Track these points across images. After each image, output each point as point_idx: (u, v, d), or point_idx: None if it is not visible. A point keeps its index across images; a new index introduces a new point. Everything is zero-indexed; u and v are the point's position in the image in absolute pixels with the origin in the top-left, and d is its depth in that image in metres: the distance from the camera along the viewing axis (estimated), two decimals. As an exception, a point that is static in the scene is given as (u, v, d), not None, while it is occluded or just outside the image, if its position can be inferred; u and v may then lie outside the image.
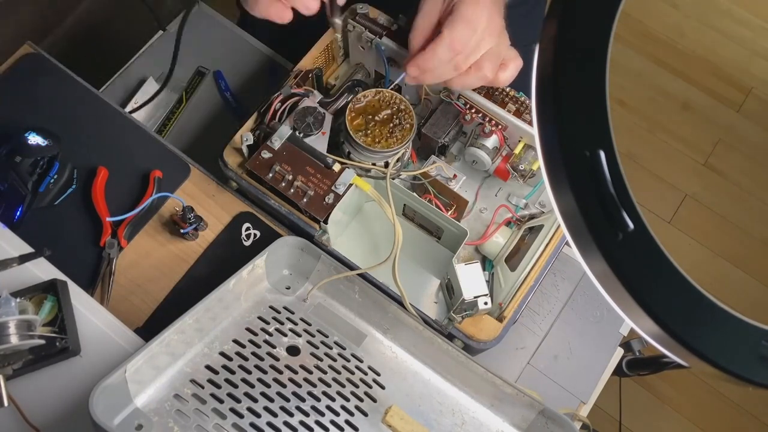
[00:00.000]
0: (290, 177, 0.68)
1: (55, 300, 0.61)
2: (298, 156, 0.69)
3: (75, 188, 0.75)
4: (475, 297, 0.65)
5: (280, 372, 0.61)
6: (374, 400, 0.62)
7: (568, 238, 0.31)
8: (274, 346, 0.63)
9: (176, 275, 0.72)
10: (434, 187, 0.73)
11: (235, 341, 0.62)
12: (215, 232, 0.74)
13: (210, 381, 0.58)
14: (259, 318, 0.65)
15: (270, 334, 0.64)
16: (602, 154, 0.28)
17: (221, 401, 0.57)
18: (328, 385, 0.61)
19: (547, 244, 0.69)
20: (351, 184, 0.69)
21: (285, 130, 0.70)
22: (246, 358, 0.61)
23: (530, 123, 0.69)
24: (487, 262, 0.75)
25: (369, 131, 0.69)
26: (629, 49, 1.88)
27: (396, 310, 0.65)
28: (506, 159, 0.73)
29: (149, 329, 0.69)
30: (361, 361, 0.65)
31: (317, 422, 0.58)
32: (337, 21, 0.73)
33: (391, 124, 0.70)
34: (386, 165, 0.71)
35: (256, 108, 0.74)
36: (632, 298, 0.28)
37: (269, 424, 0.56)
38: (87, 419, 0.50)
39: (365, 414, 0.61)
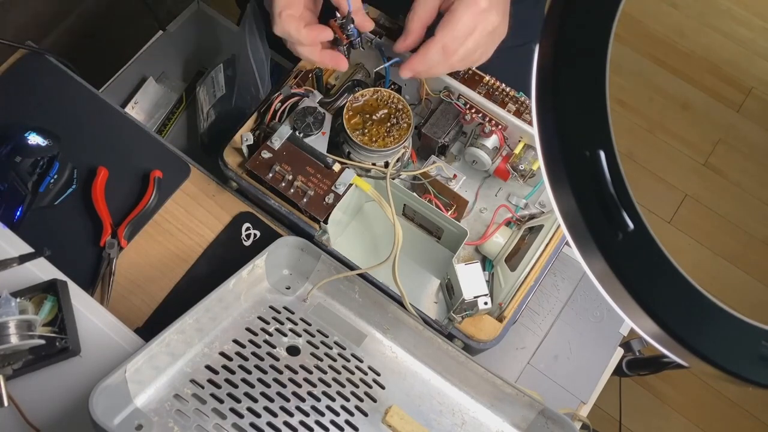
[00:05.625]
0: (290, 177, 0.68)
1: (55, 300, 0.61)
2: (298, 156, 0.69)
3: (75, 188, 0.75)
4: (475, 297, 0.65)
5: (280, 372, 0.61)
6: (374, 400, 0.62)
7: (568, 238, 0.31)
8: (274, 346, 0.63)
9: (176, 275, 0.72)
10: (434, 187, 0.73)
11: (235, 341, 0.62)
12: (215, 232, 0.74)
13: (210, 381, 0.58)
14: (259, 318, 0.65)
15: (270, 334, 0.63)
16: (602, 154, 0.28)
17: (221, 401, 0.57)
18: (328, 385, 0.61)
19: (547, 244, 0.69)
20: (351, 184, 0.69)
21: (285, 130, 0.70)
22: (246, 358, 0.61)
23: (530, 123, 0.69)
24: (487, 262, 0.75)
25: (366, 130, 0.69)
26: (629, 49, 1.87)
27: (396, 310, 0.65)
28: (506, 159, 0.73)
29: (149, 329, 0.69)
30: (361, 361, 0.65)
31: (317, 422, 0.58)
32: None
33: (389, 124, 0.70)
34: (386, 165, 0.71)
35: (256, 108, 0.74)
36: (632, 298, 0.28)
37: (269, 424, 0.56)
38: (87, 419, 0.50)
39: (365, 414, 0.61)
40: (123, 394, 0.54)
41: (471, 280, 0.66)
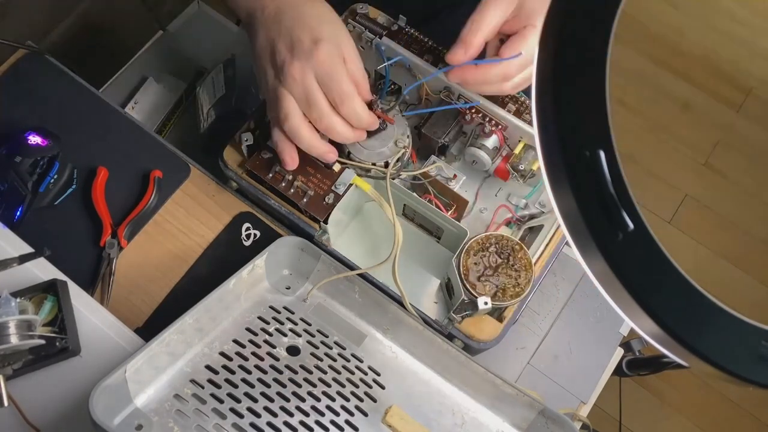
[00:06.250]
0: (290, 177, 0.68)
1: (55, 300, 0.61)
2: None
3: (75, 188, 0.75)
4: (475, 297, 0.65)
5: (280, 372, 0.61)
6: (374, 400, 0.62)
7: (568, 238, 0.31)
8: (274, 346, 0.63)
9: (176, 275, 0.72)
10: (434, 187, 0.73)
11: (235, 341, 0.62)
12: (215, 232, 0.74)
13: (210, 381, 0.58)
14: (259, 318, 0.65)
15: (270, 334, 0.64)
16: (602, 154, 0.28)
17: (221, 401, 0.57)
18: (328, 385, 0.61)
19: (547, 245, 0.69)
20: (351, 184, 0.69)
21: (285, 130, 0.70)
22: (246, 358, 0.61)
23: (530, 123, 0.69)
24: (487, 262, 0.75)
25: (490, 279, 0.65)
26: (629, 49, 1.87)
27: (396, 310, 0.65)
28: (506, 159, 0.73)
29: (149, 329, 0.69)
30: (361, 361, 0.65)
31: (317, 422, 0.58)
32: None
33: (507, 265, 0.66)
34: (386, 165, 0.71)
35: (256, 108, 0.74)
36: (632, 298, 0.28)
37: (269, 424, 0.56)
38: (87, 419, 0.50)
39: (365, 414, 0.61)
40: (123, 394, 0.54)
41: (471, 280, 0.66)
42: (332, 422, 0.59)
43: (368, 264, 0.67)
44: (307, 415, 0.58)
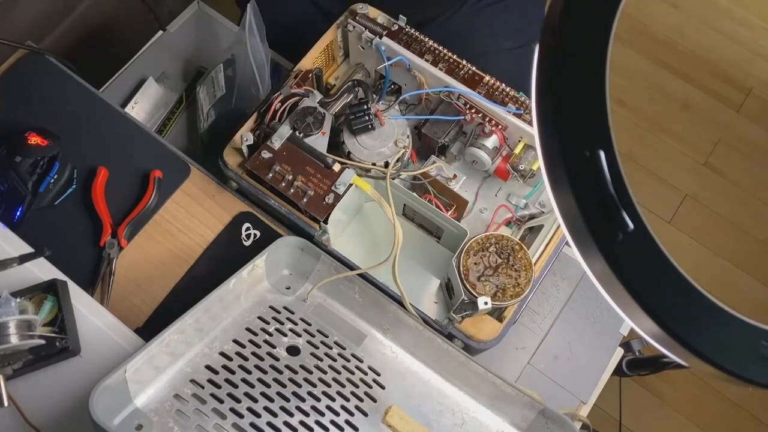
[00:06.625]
0: (290, 177, 0.68)
1: (55, 300, 0.61)
2: (298, 156, 0.69)
3: (75, 188, 0.75)
4: (475, 297, 0.65)
5: (280, 372, 0.61)
6: (374, 400, 0.62)
7: (568, 238, 0.31)
8: (274, 346, 0.63)
9: (176, 275, 0.72)
10: (434, 187, 0.73)
11: (235, 341, 0.62)
12: (215, 232, 0.74)
13: (210, 381, 0.58)
14: (259, 318, 0.65)
15: (270, 334, 0.63)
16: (602, 154, 0.28)
17: (221, 401, 0.57)
18: (328, 385, 0.61)
19: (547, 244, 0.69)
20: (351, 184, 0.69)
21: (285, 130, 0.70)
22: (246, 358, 0.61)
23: (530, 123, 0.69)
24: (487, 262, 0.75)
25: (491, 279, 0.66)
26: (629, 49, 1.87)
27: (396, 310, 0.65)
28: (506, 159, 0.73)
29: (149, 329, 0.69)
30: (361, 361, 0.65)
31: (317, 422, 0.58)
32: None
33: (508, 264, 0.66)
34: (386, 165, 0.71)
35: (256, 108, 0.74)
36: (632, 298, 0.28)
37: (269, 424, 0.56)
38: (87, 419, 0.50)
39: (365, 414, 0.61)
40: (123, 394, 0.54)
41: (471, 280, 0.66)
42: (332, 422, 0.59)
43: (368, 264, 0.67)
44: (307, 415, 0.58)
